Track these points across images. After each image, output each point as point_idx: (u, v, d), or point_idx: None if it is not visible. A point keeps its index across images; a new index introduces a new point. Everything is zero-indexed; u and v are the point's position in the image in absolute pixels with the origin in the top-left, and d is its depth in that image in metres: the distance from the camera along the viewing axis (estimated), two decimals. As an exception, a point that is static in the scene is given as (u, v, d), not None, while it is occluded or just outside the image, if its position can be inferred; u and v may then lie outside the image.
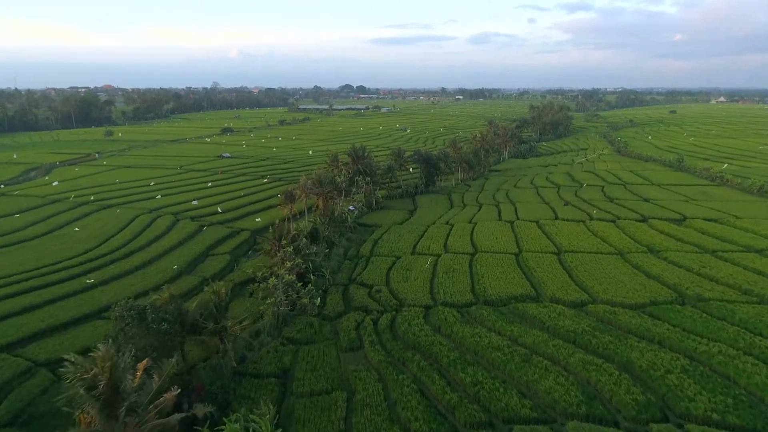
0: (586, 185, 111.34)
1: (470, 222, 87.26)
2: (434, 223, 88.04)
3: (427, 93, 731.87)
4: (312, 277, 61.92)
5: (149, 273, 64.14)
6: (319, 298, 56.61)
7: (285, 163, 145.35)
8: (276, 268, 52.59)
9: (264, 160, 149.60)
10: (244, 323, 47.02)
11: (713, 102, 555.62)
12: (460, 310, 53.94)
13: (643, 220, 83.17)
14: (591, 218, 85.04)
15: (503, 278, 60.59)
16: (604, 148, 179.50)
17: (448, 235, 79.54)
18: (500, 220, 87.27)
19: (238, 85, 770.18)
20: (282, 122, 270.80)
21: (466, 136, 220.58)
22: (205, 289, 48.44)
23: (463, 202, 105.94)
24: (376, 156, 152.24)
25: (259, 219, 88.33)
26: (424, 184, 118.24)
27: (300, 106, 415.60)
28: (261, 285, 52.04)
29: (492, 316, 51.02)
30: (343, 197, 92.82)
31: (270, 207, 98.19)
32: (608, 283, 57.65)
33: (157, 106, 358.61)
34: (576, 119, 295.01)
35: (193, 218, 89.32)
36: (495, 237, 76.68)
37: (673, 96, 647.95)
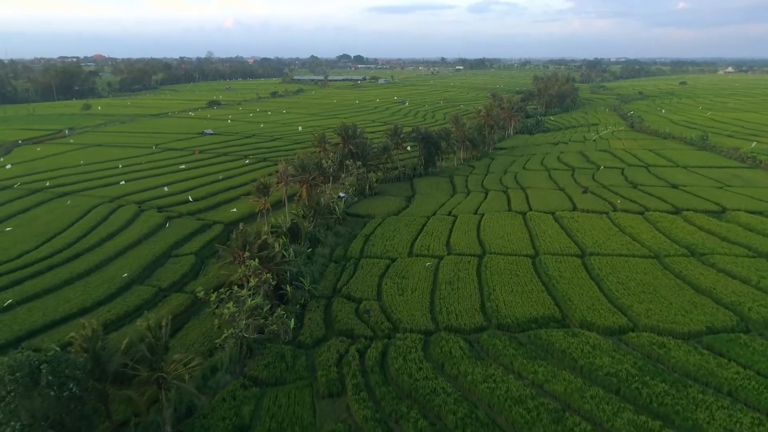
0: (604, 167, 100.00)
1: (476, 213, 76.27)
2: (435, 214, 77.07)
3: (427, 63, 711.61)
4: (288, 288, 51.30)
5: (92, 283, 53.30)
6: (293, 320, 45.93)
7: (272, 140, 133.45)
8: (236, 289, 41.85)
9: (249, 137, 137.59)
10: (193, 363, 36.36)
11: (721, 72, 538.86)
12: (467, 337, 43.43)
13: (676, 211, 72.18)
14: (615, 209, 74.07)
15: (519, 292, 49.90)
16: (617, 124, 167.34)
17: (450, 230, 68.67)
18: (510, 210, 76.25)
19: (234, 56, 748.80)
20: (274, 94, 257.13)
21: (467, 109, 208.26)
22: (138, 322, 37.66)
23: (466, 187, 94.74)
24: (371, 133, 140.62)
25: (235, 209, 77.23)
26: (424, 166, 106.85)
27: (294, 77, 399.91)
28: (217, 311, 41.30)
29: (509, 349, 40.43)
30: (331, 183, 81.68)
31: (249, 194, 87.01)
32: (649, 300, 46.98)
33: (144, 77, 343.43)
34: (582, 91, 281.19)
35: (159, 208, 78.18)
36: (506, 233, 65.80)
37: (678, 66, 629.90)
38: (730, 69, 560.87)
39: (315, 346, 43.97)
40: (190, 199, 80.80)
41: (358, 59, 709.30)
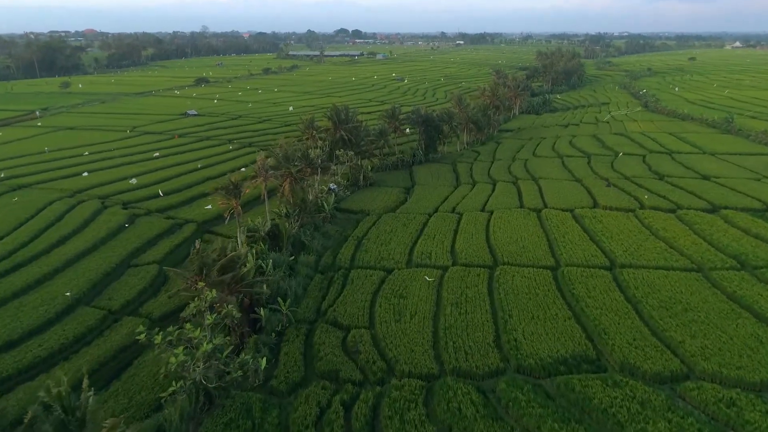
0: (623, 154, 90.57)
1: (483, 210, 67.23)
2: (437, 211, 68.04)
3: (426, 38, 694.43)
4: (263, 312, 42.51)
5: (27, 305, 44.40)
6: (264, 358, 37.13)
7: (260, 122, 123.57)
8: (188, 328, 32.96)
9: (236, 118, 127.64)
10: (127, 433, 27.67)
11: (728, 48, 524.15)
12: (481, 384, 34.74)
13: (713, 209, 63.16)
14: (642, 206, 65.02)
15: (541, 319, 41.13)
16: (630, 103, 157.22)
17: (455, 233, 59.72)
18: (522, 207, 67.18)
19: (229, 30, 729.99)
20: (266, 71, 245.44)
21: (469, 87, 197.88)
22: (43, 378, 28.70)
23: (471, 176, 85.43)
24: (368, 114, 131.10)
25: (210, 206, 68.01)
26: (424, 152, 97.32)
27: (290, 52, 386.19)
28: (163, 356, 32.38)
29: (534, 406, 31.72)
30: (319, 175, 72.39)
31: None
32: (703, 333, 38.22)
33: (133, 52, 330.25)
34: (587, 67, 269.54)
35: (125, 204, 69.04)
36: (519, 237, 56.84)
37: (684, 41, 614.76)
38: (737, 44, 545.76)
39: (291, 393, 35.39)
40: (160, 193, 71.51)
41: (356, 34, 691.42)
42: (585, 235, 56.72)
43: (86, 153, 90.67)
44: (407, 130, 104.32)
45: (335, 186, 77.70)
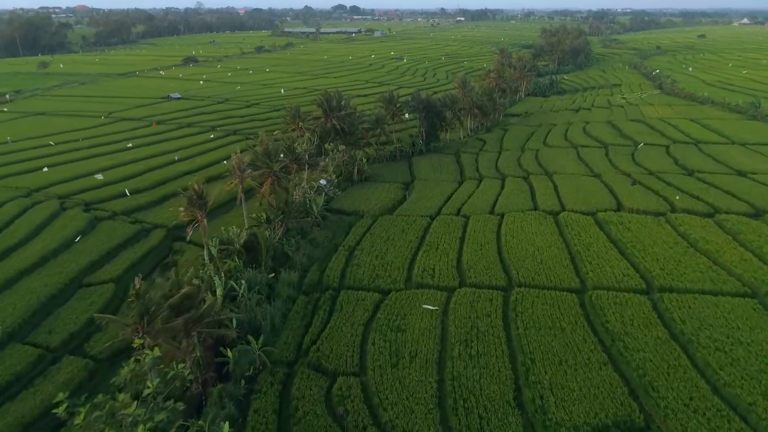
0: (644, 144, 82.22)
1: (493, 212, 59.29)
2: (440, 213, 60.08)
3: (426, 14, 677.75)
4: (230, 354, 34.84)
5: (-56, 344, 36.68)
6: (227, 423, 29.43)
7: (247, 107, 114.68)
8: (121, 398, 25.18)
9: (222, 102, 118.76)
10: None
11: (736, 24, 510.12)
12: (500, 464, 27.16)
13: (756, 214, 55.22)
14: (674, 209, 57.09)
15: (572, 365, 33.48)
16: (643, 85, 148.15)
17: (462, 242, 51.87)
18: (537, 209, 59.21)
19: (225, 6, 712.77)
20: (259, 49, 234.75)
21: (471, 67, 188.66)
22: None
23: (477, 170, 77.21)
24: (364, 97, 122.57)
25: (183, 208, 59.76)
26: (425, 140, 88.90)
27: (285, 29, 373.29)
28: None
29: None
30: (307, 171, 64.23)
31: (209, 180, 69.76)
32: (776, 389, 30.57)
33: (122, 29, 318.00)
34: (593, 45, 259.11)
35: (87, 205, 61.04)
36: (536, 249, 48.98)
37: (690, 18, 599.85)
38: (745, 20, 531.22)
39: (259, 472, 27.86)
40: (127, 193, 63.30)
41: (354, 10, 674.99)
42: (612, 247, 48.82)
43: (52, 143, 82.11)
44: (406, 115, 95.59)
45: (326, 182, 69.57)
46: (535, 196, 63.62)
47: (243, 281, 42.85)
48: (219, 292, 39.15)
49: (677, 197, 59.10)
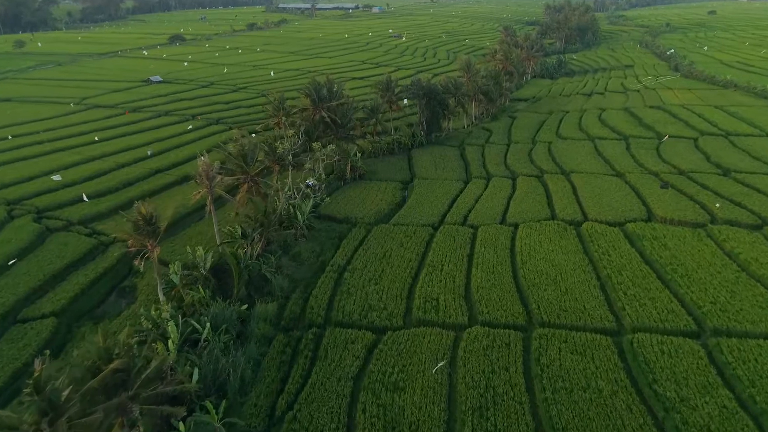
0: (669, 137, 74.15)
1: (504, 221, 51.66)
2: (443, 222, 52.47)
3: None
4: (182, 427, 27.49)
5: None
6: None
7: (233, 91, 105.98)
8: None
9: (206, 86, 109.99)
10: None
11: (744, 0, 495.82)
12: None
13: (812, 227, 47.61)
14: (714, 220, 49.47)
15: (617, 450, 26.14)
16: (656, 65, 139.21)
17: (470, 261, 44.34)
18: (555, 218, 51.57)
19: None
20: (251, 27, 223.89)
21: (474, 45, 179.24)
22: None
23: (484, 166, 69.29)
24: (360, 80, 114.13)
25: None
26: (425, 131, 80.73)
27: (279, 5, 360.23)
28: None
29: None
30: (292, 171, 56.32)
31: (185, 179, 62.10)
32: None
33: (110, 5, 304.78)
34: (599, 21, 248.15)
35: (39, 213, 53.20)
36: (558, 273, 41.48)
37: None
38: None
39: None
40: (84, 198, 55.37)
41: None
42: (648, 271, 41.26)
43: (9, 137, 73.71)
44: (405, 101, 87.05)
45: (314, 182, 61.71)
46: (552, 201, 55.89)
47: (207, 320, 35.37)
48: (172, 342, 31.58)
49: (717, 205, 51.37)
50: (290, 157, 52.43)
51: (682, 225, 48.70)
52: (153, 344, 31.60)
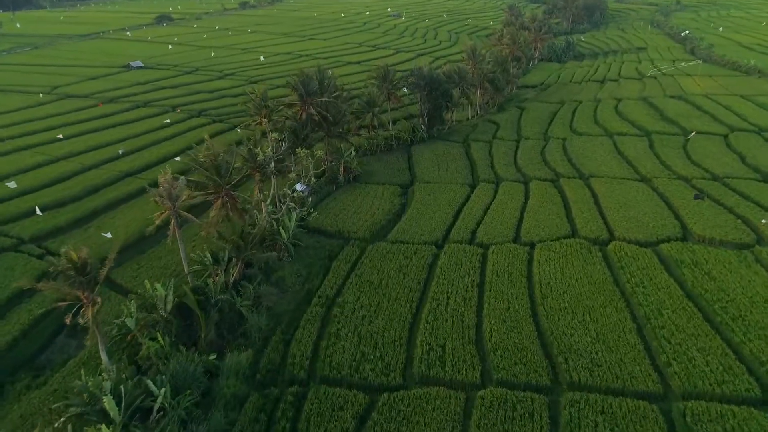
0: (696, 133, 67.18)
1: (518, 240, 45.11)
2: (447, 239, 45.95)
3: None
4: None
5: None
6: None
7: (219, 78, 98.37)
8: None
9: (191, 72, 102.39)
10: None
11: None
12: None
13: None
14: (761, 239, 42.92)
15: None
16: (670, 48, 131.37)
17: (480, 293, 37.92)
18: (576, 236, 45.02)
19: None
20: (243, 5, 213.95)
21: (477, 25, 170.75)
22: None
23: (492, 167, 62.44)
24: (356, 65, 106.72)
25: (110, 234, 45.40)
26: (427, 126, 73.64)
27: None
28: None
29: None
30: (276, 179, 49.46)
31: (158, 184, 55.15)
32: None
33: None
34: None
35: (-15, 229, 46.51)
36: (585, 311, 35.12)
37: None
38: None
39: None
40: (38, 211, 48.53)
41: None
42: (693, 310, 34.80)
43: (-38, 135, 66.71)
44: (404, 89, 79.46)
45: (304, 186, 54.96)
46: (571, 212, 49.24)
47: (167, 379, 28.98)
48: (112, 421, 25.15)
49: (763, 221, 44.72)
50: (272, 165, 45.42)
51: (724, 246, 42.20)
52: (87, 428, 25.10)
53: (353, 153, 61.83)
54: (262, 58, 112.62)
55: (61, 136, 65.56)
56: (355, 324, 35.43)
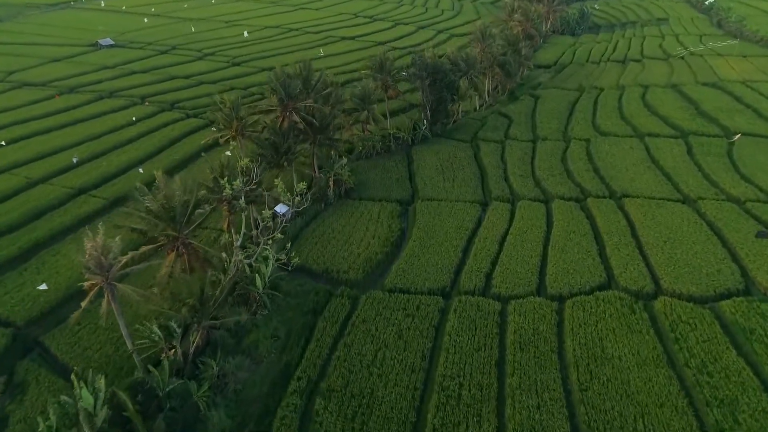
0: (741, 135, 58.24)
1: (543, 292, 37.06)
2: (457, 285, 37.90)
3: None
4: None
5: None
6: None
7: (198, 59, 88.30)
8: None
9: (166, 51, 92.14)
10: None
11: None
12: None
13: None
14: None
15: None
16: (694, 19, 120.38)
17: (500, 377, 30.12)
18: (613, 287, 36.93)
19: None
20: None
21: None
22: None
23: (506, 180, 53.72)
24: (351, 39, 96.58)
25: (45, 285, 37.14)
26: (430, 121, 64.55)
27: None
28: None
29: None
30: (246, 212, 40.90)
31: (117, 203, 46.97)
32: None
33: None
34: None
35: None
36: (639, 410, 27.39)
37: None
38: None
39: None
40: (-40, 254, 40.19)
41: None
42: (776, 411, 27.02)
43: None
44: (403, 73, 69.63)
45: (285, 208, 46.40)
46: (605, 249, 41.03)
47: None
48: None
49: None
50: (242, 201, 36.81)
51: (799, 304, 34.13)
52: None
53: (344, 161, 53.04)
54: (246, 34, 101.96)
55: (3, 143, 56.33)
56: (343, 422, 27.72)
